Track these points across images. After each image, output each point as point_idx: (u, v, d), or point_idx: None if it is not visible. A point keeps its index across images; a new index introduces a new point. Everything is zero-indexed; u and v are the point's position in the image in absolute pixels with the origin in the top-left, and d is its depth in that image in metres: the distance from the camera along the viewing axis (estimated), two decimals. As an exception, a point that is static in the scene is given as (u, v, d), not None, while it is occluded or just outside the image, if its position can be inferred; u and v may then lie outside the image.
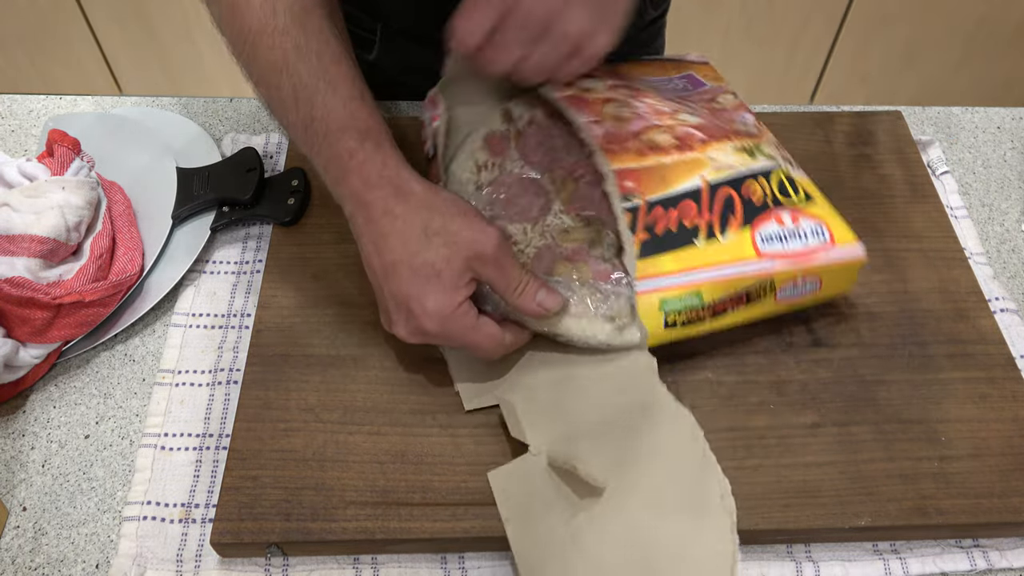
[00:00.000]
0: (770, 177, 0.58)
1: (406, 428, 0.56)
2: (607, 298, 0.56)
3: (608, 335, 0.55)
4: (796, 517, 0.53)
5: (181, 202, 0.68)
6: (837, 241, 0.57)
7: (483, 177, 0.64)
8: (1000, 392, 0.58)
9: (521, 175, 0.63)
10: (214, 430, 0.58)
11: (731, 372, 0.59)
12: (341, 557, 0.53)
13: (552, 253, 0.58)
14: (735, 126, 0.62)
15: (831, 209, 0.59)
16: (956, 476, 0.54)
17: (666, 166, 0.57)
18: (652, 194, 0.56)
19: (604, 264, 0.57)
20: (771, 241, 0.56)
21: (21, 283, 0.59)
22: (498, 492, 0.53)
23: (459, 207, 0.54)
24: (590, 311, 0.56)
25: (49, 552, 0.54)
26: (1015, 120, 0.79)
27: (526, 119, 0.65)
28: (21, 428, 0.59)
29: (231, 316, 0.64)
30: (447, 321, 0.52)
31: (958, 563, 0.53)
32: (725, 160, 0.58)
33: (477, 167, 0.64)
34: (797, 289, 0.56)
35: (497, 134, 0.65)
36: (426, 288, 0.52)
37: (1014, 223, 0.71)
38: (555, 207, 0.61)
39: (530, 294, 0.54)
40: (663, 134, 0.59)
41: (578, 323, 0.55)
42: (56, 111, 0.78)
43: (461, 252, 0.52)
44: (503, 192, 0.62)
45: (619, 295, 0.56)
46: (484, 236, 0.52)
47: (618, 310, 0.55)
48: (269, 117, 0.68)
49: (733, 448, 0.55)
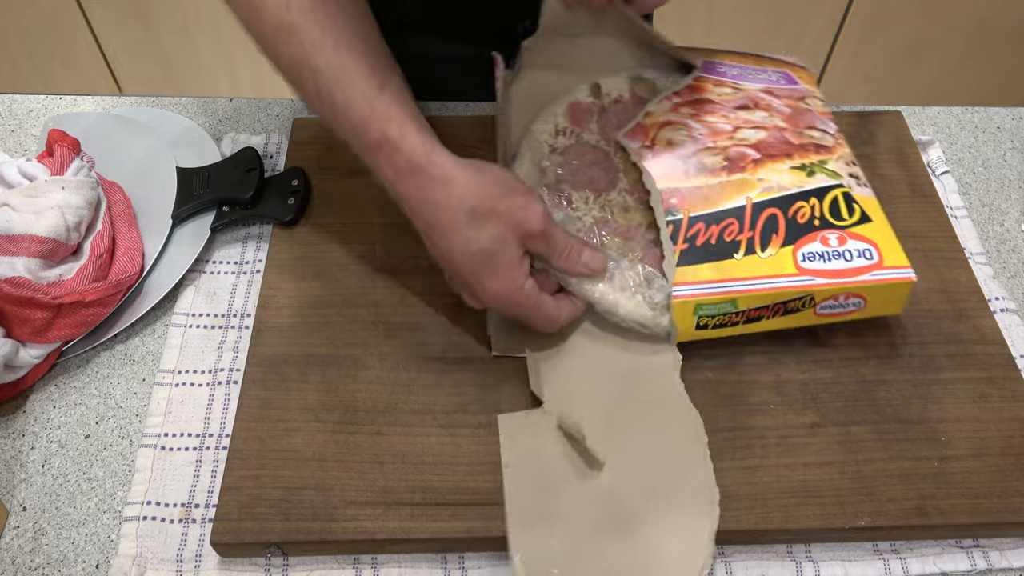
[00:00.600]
0: (824, 196, 0.59)
1: (406, 428, 0.56)
2: (651, 281, 0.58)
3: (644, 315, 0.57)
4: (796, 517, 0.53)
5: (181, 202, 0.68)
6: (886, 263, 0.56)
7: (559, 141, 0.66)
8: (1000, 392, 0.58)
9: (595, 148, 0.65)
10: (214, 430, 0.58)
11: (731, 372, 0.59)
12: (341, 557, 0.53)
13: (608, 227, 0.61)
14: (809, 135, 0.63)
15: (888, 231, 0.58)
16: (956, 476, 0.54)
17: (712, 187, 0.60)
18: (695, 211, 0.58)
19: (655, 248, 0.59)
20: (813, 259, 0.56)
21: (21, 283, 0.59)
22: (504, 437, 0.54)
23: (501, 184, 0.54)
24: (630, 287, 0.57)
25: (49, 552, 0.54)
26: (1015, 120, 0.79)
27: (613, 97, 0.68)
28: (21, 428, 0.59)
29: (231, 316, 0.64)
30: (510, 301, 0.54)
31: (958, 563, 0.53)
32: (776, 180, 0.59)
33: (556, 131, 0.66)
34: (839, 305, 0.57)
35: (582, 105, 0.68)
36: (485, 271, 0.53)
37: (1014, 223, 0.71)
38: (620, 185, 0.63)
39: (575, 256, 0.56)
40: (714, 156, 0.61)
41: (616, 295, 0.57)
42: (56, 111, 0.78)
43: (513, 232, 0.53)
44: (575, 159, 0.64)
45: (654, 281, 0.58)
46: (530, 212, 0.53)
47: (658, 294, 0.57)
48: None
49: (733, 448, 0.55)
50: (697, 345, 0.59)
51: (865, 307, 0.57)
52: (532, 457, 0.54)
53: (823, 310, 0.57)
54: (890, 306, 0.59)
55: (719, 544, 0.54)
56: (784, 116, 0.64)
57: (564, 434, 0.54)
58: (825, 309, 0.57)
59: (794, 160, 0.61)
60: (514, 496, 0.52)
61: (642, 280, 0.58)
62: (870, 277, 0.56)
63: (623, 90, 0.68)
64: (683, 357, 0.58)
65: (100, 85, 1.82)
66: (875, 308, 0.58)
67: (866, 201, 0.59)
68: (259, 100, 0.79)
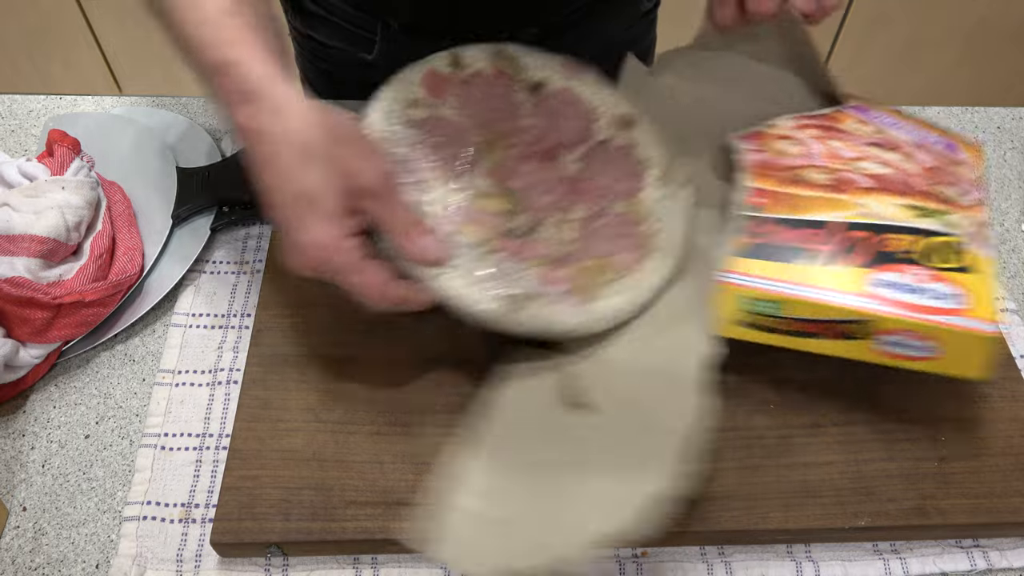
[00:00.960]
0: (929, 237, 0.53)
1: (406, 428, 0.56)
2: (506, 275, 0.54)
3: (490, 309, 0.53)
4: (796, 517, 0.53)
5: (181, 202, 0.68)
6: (970, 312, 0.50)
7: (413, 114, 0.60)
8: (1000, 392, 0.58)
9: (454, 124, 0.60)
10: (214, 430, 0.58)
11: (731, 372, 0.59)
12: (341, 557, 0.53)
13: (462, 212, 0.57)
14: (941, 189, 0.57)
15: (987, 286, 0.52)
16: (956, 476, 0.54)
17: (805, 197, 0.56)
18: (778, 213, 0.55)
19: (511, 240, 0.56)
20: (886, 287, 0.51)
21: (21, 283, 0.59)
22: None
23: (343, 129, 0.49)
24: (478, 279, 0.53)
25: (49, 552, 0.54)
26: (1015, 120, 0.79)
27: (474, 69, 0.63)
28: (21, 428, 0.59)
29: (231, 316, 0.64)
30: (329, 257, 0.48)
31: (958, 563, 0.53)
32: (878, 210, 0.55)
33: (409, 102, 0.60)
34: (904, 345, 0.51)
35: (441, 75, 0.62)
36: (303, 217, 0.48)
37: (1014, 223, 0.71)
38: (481, 167, 0.59)
39: (413, 236, 0.51)
40: (821, 174, 0.58)
41: (459, 286, 0.53)
42: (56, 111, 0.78)
43: (342, 180, 0.48)
44: (429, 136, 0.59)
45: (511, 273, 0.54)
46: (369, 166, 0.49)
47: (513, 288, 0.53)
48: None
49: (733, 448, 0.55)
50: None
51: (938, 357, 0.50)
52: (517, 397, 0.53)
53: (882, 345, 0.51)
54: (967, 364, 0.51)
55: (719, 544, 0.54)
56: (923, 167, 0.58)
57: (559, 385, 0.53)
58: (886, 345, 0.51)
59: (910, 199, 0.55)
60: (480, 424, 0.51)
61: (495, 271, 0.54)
62: (945, 319, 0.49)
63: (484, 63, 0.63)
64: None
65: (100, 85, 1.82)
66: (951, 363, 0.50)
67: (977, 257, 0.53)
68: (259, 100, 0.78)
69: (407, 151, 0.58)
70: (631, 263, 0.57)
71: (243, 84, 0.48)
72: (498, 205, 0.58)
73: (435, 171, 0.58)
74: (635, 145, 0.62)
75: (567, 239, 0.58)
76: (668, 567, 0.53)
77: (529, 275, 0.55)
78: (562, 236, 0.58)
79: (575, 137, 0.62)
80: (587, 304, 0.55)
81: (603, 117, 0.63)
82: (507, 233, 0.57)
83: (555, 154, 0.61)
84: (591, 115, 0.63)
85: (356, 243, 0.49)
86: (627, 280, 0.56)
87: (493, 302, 0.53)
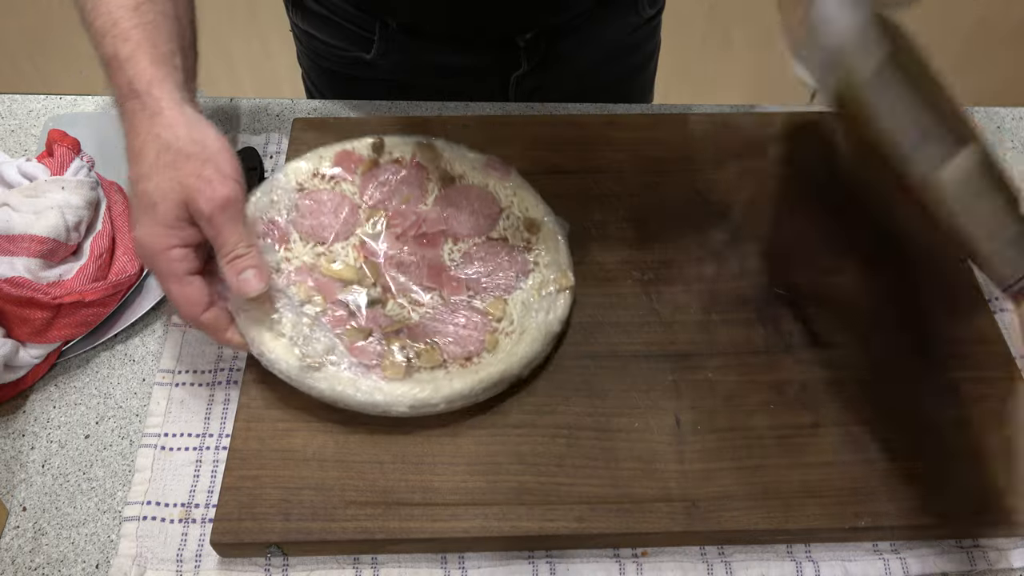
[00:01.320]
0: None
1: (406, 428, 0.56)
2: (314, 336, 0.55)
3: (290, 364, 0.54)
4: (796, 517, 0.53)
5: (181, 202, 0.68)
6: None
7: (312, 183, 0.64)
8: (1000, 392, 0.58)
9: (344, 199, 0.63)
10: (214, 430, 0.58)
11: (731, 372, 0.59)
12: (341, 557, 0.53)
13: (308, 274, 0.59)
14: None
15: None
16: (956, 476, 0.54)
17: None
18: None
19: (340, 310, 0.57)
20: None
21: (21, 283, 0.59)
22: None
23: (206, 149, 0.52)
24: (288, 333, 0.55)
25: (49, 552, 0.54)
26: (1015, 120, 0.79)
27: (394, 156, 0.66)
28: (21, 428, 0.59)
29: (231, 316, 0.64)
30: (154, 260, 0.51)
31: (958, 563, 0.53)
32: None
33: (314, 173, 0.65)
34: None
35: (353, 155, 0.66)
36: (142, 218, 0.51)
37: (1014, 223, 0.71)
38: (351, 240, 0.61)
39: (238, 266, 0.52)
40: None
41: (263, 333, 0.55)
42: (56, 111, 0.78)
43: (180, 194, 0.50)
44: (315, 203, 0.63)
45: (320, 337, 0.55)
46: (211, 189, 0.50)
47: (316, 346, 0.55)
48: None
49: (733, 448, 0.55)
50: (697, 345, 0.59)
51: None
52: None
53: None
54: None
55: (719, 544, 0.54)
56: None
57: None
58: None
59: None
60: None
61: (306, 332, 0.55)
62: None
63: (406, 152, 0.66)
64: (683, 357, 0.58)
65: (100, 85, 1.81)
66: None
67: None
68: (259, 100, 0.79)
69: (286, 215, 0.62)
70: (461, 358, 0.57)
71: (131, 82, 0.52)
72: (347, 274, 0.59)
73: (306, 232, 0.61)
74: (530, 249, 0.62)
75: (412, 319, 0.58)
76: (668, 567, 0.53)
77: (338, 343, 0.56)
78: (406, 315, 0.58)
79: (467, 231, 0.63)
80: (389, 384, 0.54)
81: (511, 217, 0.64)
82: (343, 302, 0.58)
83: (436, 242, 0.62)
84: (496, 214, 0.64)
85: (183, 254, 0.52)
86: (447, 371, 0.56)
87: (291, 359, 0.54)
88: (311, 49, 0.86)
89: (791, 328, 0.61)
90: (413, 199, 0.64)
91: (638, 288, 0.63)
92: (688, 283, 0.63)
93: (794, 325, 0.61)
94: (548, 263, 0.61)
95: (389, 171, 0.65)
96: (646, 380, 0.58)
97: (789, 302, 0.62)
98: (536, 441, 0.55)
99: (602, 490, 0.53)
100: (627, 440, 0.55)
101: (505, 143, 0.69)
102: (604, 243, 0.65)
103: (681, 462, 0.54)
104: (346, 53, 0.82)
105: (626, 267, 0.64)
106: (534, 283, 0.60)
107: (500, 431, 0.56)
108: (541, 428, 0.56)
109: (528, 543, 0.53)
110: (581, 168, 0.69)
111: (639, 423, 0.56)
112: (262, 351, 0.55)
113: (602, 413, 0.56)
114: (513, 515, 0.52)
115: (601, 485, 0.53)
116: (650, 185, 0.68)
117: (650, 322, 0.61)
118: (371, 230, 0.62)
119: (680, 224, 0.66)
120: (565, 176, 0.68)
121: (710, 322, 0.61)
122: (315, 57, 0.86)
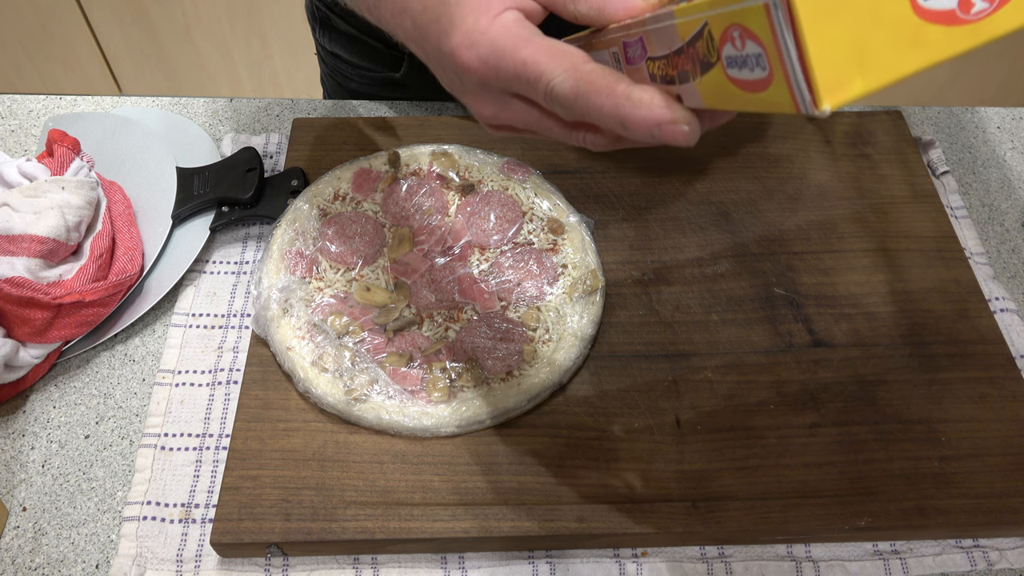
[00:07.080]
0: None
1: (406, 428, 0.56)
2: (355, 370, 0.56)
3: (338, 398, 0.55)
4: (796, 517, 0.53)
5: (181, 202, 0.68)
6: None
7: (334, 207, 0.65)
8: (1000, 392, 0.58)
9: (369, 219, 0.64)
10: (214, 430, 0.58)
11: (731, 372, 0.59)
12: (341, 557, 0.53)
13: (342, 304, 0.59)
14: None
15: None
16: (956, 476, 0.54)
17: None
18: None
19: (377, 337, 0.58)
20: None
21: (21, 283, 0.59)
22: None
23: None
24: (331, 368, 0.56)
25: (49, 552, 0.54)
26: (1015, 120, 0.79)
27: (411, 169, 0.66)
28: (21, 428, 0.59)
29: (231, 316, 0.64)
30: (491, 43, 0.38)
31: (958, 563, 0.54)
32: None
33: (335, 195, 0.65)
34: (742, 64, 0.32)
35: (371, 172, 0.66)
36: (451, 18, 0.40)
37: (1014, 223, 0.71)
38: (380, 262, 0.62)
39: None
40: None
41: (315, 375, 0.56)
42: (56, 111, 0.78)
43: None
44: (341, 228, 0.63)
45: (363, 372, 0.56)
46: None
47: (360, 379, 0.55)
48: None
49: (733, 448, 0.55)
50: (697, 345, 0.59)
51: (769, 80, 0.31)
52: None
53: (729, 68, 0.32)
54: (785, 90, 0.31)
55: (719, 544, 0.54)
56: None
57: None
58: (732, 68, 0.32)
59: None
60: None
61: (348, 365, 0.56)
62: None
63: (423, 163, 0.67)
64: (683, 357, 0.58)
65: (100, 85, 1.82)
66: (776, 87, 0.30)
67: None
68: (259, 100, 0.79)
69: (313, 244, 0.62)
70: (502, 373, 0.57)
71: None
72: (379, 298, 0.60)
73: (334, 259, 0.62)
74: (557, 251, 0.63)
75: (449, 337, 0.58)
76: (668, 567, 0.53)
77: (381, 372, 0.56)
78: (443, 333, 0.59)
79: (493, 239, 0.63)
80: (435, 407, 0.55)
81: (534, 220, 0.64)
82: (379, 328, 0.58)
83: (464, 255, 0.62)
84: (519, 218, 0.64)
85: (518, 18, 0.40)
86: (490, 387, 0.56)
87: (337, 393, 0.55)
88: (335, 70, 0.86)
89: (791, 328, 0.61)
90: (435, 211, 0.64)
91: (638, 288, 0.63)
92: (688, 283, 0.63)
93: (794, 325, 0.61)
94: (576, 264, 0.62)
95: (408, 184, 0.66)
96: (646, 380, 0.58)
97: (789, 302, 0.62)
98: (536, 441, 0.55)
99: (602, 490, 0.53)
100: (627, 440, 0.55)
101: (505, 142, 0.69)
102: (604, 243, 0.65)
103: (681, 462, 0.54)
104: (375, 74, 0.82)
105: (626, 267, 0.64)
106: (564, 287, 0.61)
107: (500, 431, 0.56)
108: (541, 428, 0.56)
109: (528, 543, 0.53)
110: (581, 168, 0.69)
111: (639, 423, 0.56)
112: (308, 388, 0.56)
113: (602, 413, 0.56)
114: (513, 515, 0.52)
115: (601, 485, 0.53)
116: (650, 185, 0.68)
117: (650, 322, 0.61)
118: (398, 250, 0.62)
119: (680, 224, 0.66)
120: (565, 176, 0.69)
121: (710, 322, 0.61)
122: (341, 79, 0.87)
